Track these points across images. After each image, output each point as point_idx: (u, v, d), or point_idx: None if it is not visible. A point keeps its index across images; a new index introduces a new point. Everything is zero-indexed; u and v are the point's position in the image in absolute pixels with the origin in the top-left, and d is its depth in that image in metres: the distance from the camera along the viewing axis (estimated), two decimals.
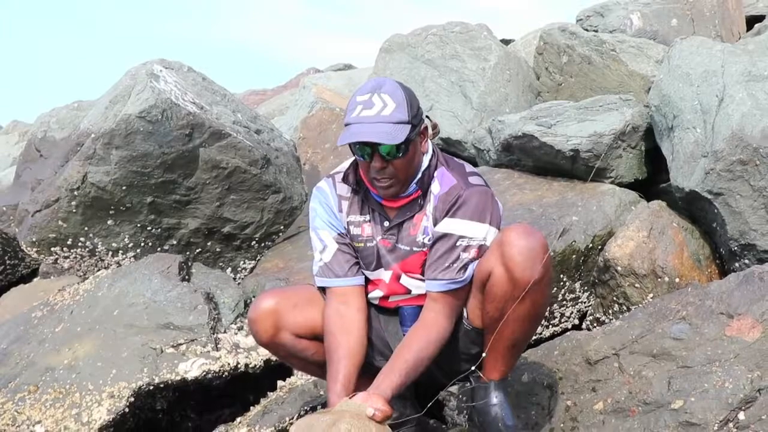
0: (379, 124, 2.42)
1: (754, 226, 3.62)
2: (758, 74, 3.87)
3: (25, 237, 4.73)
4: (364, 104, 2.45)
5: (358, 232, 2.68)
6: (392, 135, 2.41)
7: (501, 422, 2.59)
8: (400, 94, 2.48)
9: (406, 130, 2.44)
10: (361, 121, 2.44)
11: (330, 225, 2.71)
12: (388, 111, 2.43)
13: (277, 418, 3.29)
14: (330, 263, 2.68)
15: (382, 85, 2.50)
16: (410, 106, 2.48)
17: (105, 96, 4.85)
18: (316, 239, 2.73)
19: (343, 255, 2.68)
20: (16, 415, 3.49)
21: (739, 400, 2.60)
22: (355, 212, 2.68)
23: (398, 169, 2.49)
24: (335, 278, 2.67)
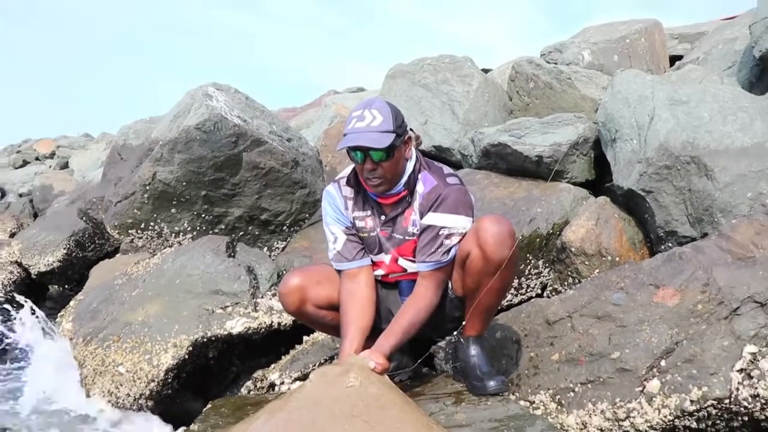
0: (369, 132, 2.42)
1: (675, 216, 3.61)
2: (679, 99, 3.87)
3: (109, 222, 4.75)
4: (358, 117, 2.46)
5: (362, 225, 2.68)
6: (379, 141, 2.42)
7: (478, 369, 2.59)
8: (386, 109, 2.48)
9: (391, 137, 2.44)
10: (355, 130, 2.44)
11: (338, 221, 2.70)
12: (377, 122, 2.44)
13: (302, 365, 3.31)
14: (341, 251, 2.68)
15: (373, 102, 2.50)
16: (395, 119, 2.48)
17: (170, 112, 4.86)
18: (329, 232, 2.73)
19: (351, 243, 2.68)
20: (104, 357, 3.54)
21: (661, 351, 2.62)
22: (359, 209, 2.68)
23: (386, 170, 2.49)
24: (347, 262, 2.68)
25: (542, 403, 2.72)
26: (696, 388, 2.49)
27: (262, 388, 3.40)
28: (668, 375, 2.56)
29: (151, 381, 3.36)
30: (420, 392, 2.65)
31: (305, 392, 2.15)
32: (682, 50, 6.98)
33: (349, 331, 2.53)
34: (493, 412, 2.35)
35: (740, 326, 2.62)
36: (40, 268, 7.20)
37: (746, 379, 2.48)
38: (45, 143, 17.87)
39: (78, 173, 12.43)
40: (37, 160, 16.72)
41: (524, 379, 2.85)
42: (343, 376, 2.16)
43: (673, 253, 2.97)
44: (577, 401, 2.66)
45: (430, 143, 5.42)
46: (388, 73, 6.26)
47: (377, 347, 2.39)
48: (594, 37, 6.33)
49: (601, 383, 2.65)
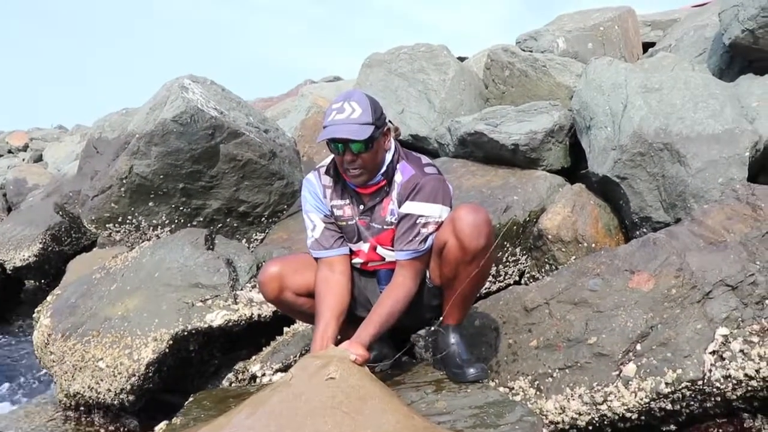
0: (349, 125, 2.44)
1: (649, 203, 3.66)
2: (651, 87, 3.91)
3: (86, 216, 4.70)
4: (337, 110, 2.47)
5: (341, 214, 2.69)
6: (358, 133, 2.43)
7: (458, 357, 2.61)
8: (365, 101, 2.49)
9: (370, 129, 2.45)
10: (335, 123, 2.45)
11: (317, 209, 2.72)
12: (356, 114, 2.45)
13: (283, 356, 3.32)
14: (319, 239, 2.70)
15: (352, 95, 2.51)
16: (374, 111, 2.49)
17: (146, 104, 4.81)
18: (308, 220, 2.74)
19: (329, 232, 2.70)
20: (84, 353, 3.51)
21: (637, 335, 2.66)
22: (337, 198, 2.69)
23: (365, 161, 2.51)
24: (323, 250, 2.69)
25: (521, 389, 2.76)
26: (671, 370, 2.55)
27: (243, 380, 3.40)
28: (644, 358, 2.61)
29: (132, 375, 3.34)
30: (400, 381, 2.67)
31: (286, 385, 2.17)
32: (654, 37, 7.04)
33: (322, 318, 2.55)
34: (473, 399, 2.38)
35: (712, 309, 2.67)
36: (15, 263, 7.11)
37: (718, 361, 2.54)
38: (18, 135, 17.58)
39: (52, 166, 12.26)
40: (10, 153, 16.45)
41: (503, 366, 2.88)
42: (324, 369, 2.18)
43: (648, 238, 3.02)
44: (555, 386, 2.70)
45: (407, 132, 5.43)
46: (364, 62, 6.25)
47: (356, 338, 2.40)
48: (568, 25, 6.36)
49: (579, 368, 2.69)
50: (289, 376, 2.23)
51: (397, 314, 2.51)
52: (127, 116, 5.75)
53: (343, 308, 2.60)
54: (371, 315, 2.51)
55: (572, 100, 4.46)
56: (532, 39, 6.31)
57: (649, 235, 3.08)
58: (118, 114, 6.10)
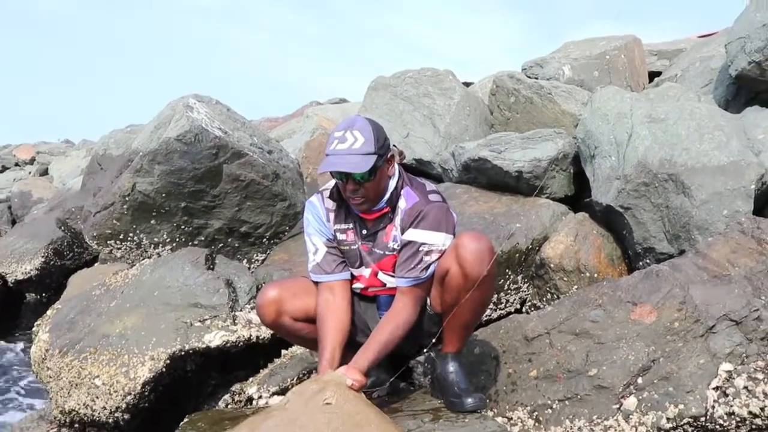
0: (350, 156, 2.41)
1: (653, 233, 3.64)
2: (657, 117, 3.91)
3: (88, 232, 4.70)
4: (339, 139, 2.44)
5: (344, 238, 2.66)
6: (359, 165, 2.40)
7: (456, 386, 2.57)
8: (368, 130, 2.46)
9: (372, 159, 2.42)
10: (336, 153, 2.43)
11: (320, 232, 2.69)
12: (358, 144, 2.42)
13: (280, 379, 3.28)
14: (321, 263, 2.67)
15: (354, 122, 2.48)
16: (377, 140, 2.45)
17: (151, 122, 4.83)
18: (310, 243, 2.71)
19: (331, 256, 2.67)
20: (81, 369, 3.48)
21: (638, 368, 2.63)
22: (341, 222, 2.66)
23: (368, 190, 2.49)
24: (325, 275, 2.66)
25: (520, 419, 2.72)
26: (672, 405, 2.51)
27: (240, 402, 3.37)
28: (645, 392, 2.57)
29: (128, 394, 3.31)
30: (398, 408, 2.63)
31: (282, 410, 2.14)
32: (660, 66, 7.06)
33: (327, 344, 2.52)
34: (471, 429, 2.34)
35: (716, 344, 2.64)
36: (17, 276, 7.10)
37: (722, 397, 2.50)
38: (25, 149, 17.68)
39: (58, 180, 12.30)
40: (17, 166, 16.53)
41: (502, 396, 2.84)
42: (320, 394, 2.16)
43: (651, 270, 2.99)
44: (554, 418, 2.66)
45: (411, 156, 5.42)
46: (370, 85, 6.27)
47: (354, 364, 2.38)
48: (574, 53, 6.38)
49: (579, 400, 2.65)
50: (285, 400, 2.21)
51: (396, 341, 2.48)
52: (132, 133, 5.78)
53: (345, 333, 2.57)
54: (370, 341, 2.48)
55: (577, 128, 4.45)
56: (538, 66, 6.33)
57: (653, 267, 3.05)
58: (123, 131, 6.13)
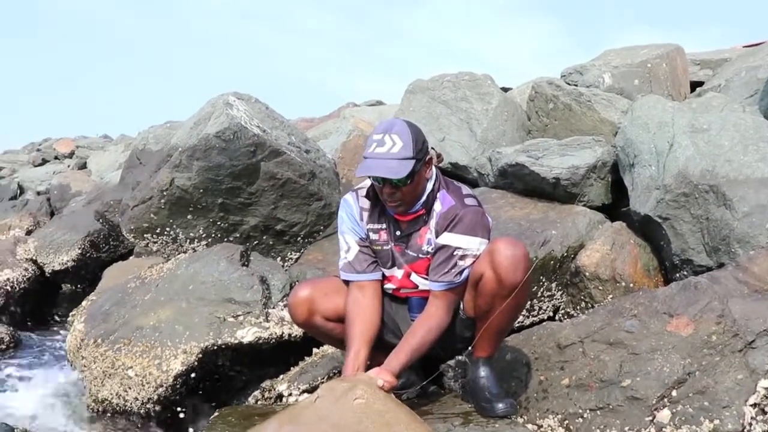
0: (388, 160, 2.40)
1: (692, 245, 3.58)
2: (699, 127, 3.85)
3: (125, 225, 4.79)
4: (378, 142, 2.44)
5: (376, 238, 2.67)
6: (397, 170, 2.40)
7: (487, 391, 2.57)
8: (407, 133, 2.45)
9: (410, 164, 2.42)
10: (374, 156, 2.43)
11: (353, 231, 2.70)
12: (396, 149, 2.41)
13: (311, 377, 3.30)
14: (352, 261, 2.68)
15: (393, 125, 2.48)
16: (415, 143, 2.44)
17: (190, 119, 4.90)
18: (342, 241, 2.72)
19: (363, 255, 2.68)
20: (114, 360, 3.54)
21: (673, 381, 2.58)
22: (374, 221, 2.67)
23: (405, 194, 2.48)
24: (356, 274, 2.67)
25: (550, 427, 2.69)
26: (707, 420, 2.46)
27: (269, 398, 3.39)
28: (679, 406, 2.53)
29: (160, 386, 3.36)
30: (428, 411, 2.64)
31: (312, 407, 2.16)
32: (703, 76, 6.95)
33: (353, 344, 2.53)
34: None
35: (755, 360, 2.58)
36: (54, 266, 7.25)
37: (759, 414, 2.45)
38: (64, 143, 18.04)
39: (96, 174, 12.53)
40: (56, 159, 16.87)
41: (533, 403, 2.82)
42: (350, 392, 2.16)
43: (689, 282, 2.95)
44: (585, 427, 2.63)
45: (447, 160, 5.42)
46: (407, 88, 6.28)
47: (386, 365, 2.39)
48: (615, 61, 6.31)
49: (611, 410, 2.62)
50: (315, 397, 2.22)
51: (429, 344, 2.49)
52: (171, 129, 5.87)
53: (373, 333, 2.58)
54: (402, 343, 2.48)
55: (616, 136, 4.41)
56: (578, 73, 6.28)
57: (690, 279, 3.01)
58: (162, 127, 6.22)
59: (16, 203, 11.54)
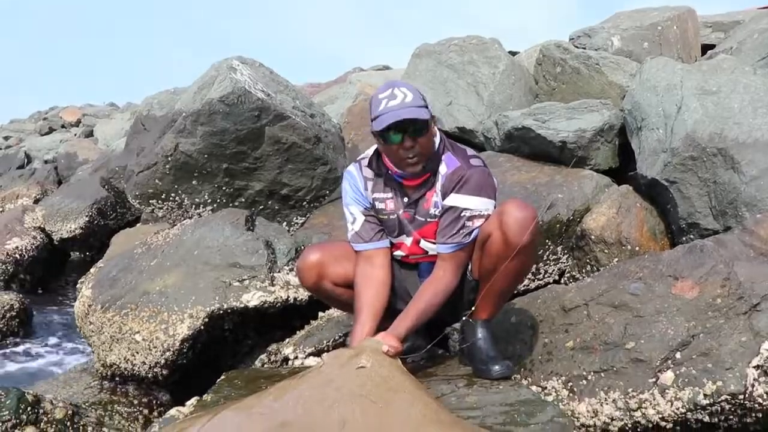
0: (408, 108, 2.39)
1: (699, 208, 3.57)
2: (709, 89, 3.81)
3: (130, 191, 4.80)
4: (389, 97, 2.42)
5: (383, 207, 2.66)
6: (420, 113, 2.40)
7: (484, 353, 2.57)
8: (413, 87, 2.47)
9: (427, 111, 2.43)
10: (391, 109, 2.40)
11: (357, 201, 2.69)
12: (409, 99, 2.41)
13: (317, 340, 3.32)
14: (359, 231, 2.67)
15: (396, 83, 2.49)
16: (423, 97, 2.46)
17: (194, 84, 4.88)
18: (348, 213, 2.71)
19: (369, 224, 2.67)
20: (122, 325, 3.57)
21: (677, 343, 2.59)
22: (380, 191, 2.66)
23: (423, 146, 2.46)
24: (363, 243, 2.67)
25: (554, 389, 2.71)
26: (710, 381, 2.47)
27: (276, 362, 3.42)
28: (683, 368, 2.54)
29: (167, 350, 3.40)
30: (432, 373, 2.66)
31: (317, 372, 2.17)
32: (715, 39, 6.85)
33: (361, 315, 2.54)
34: (505, 396, 2.35)
35: (759, 322, 2.58)
36: (62, 234, 7.32)
37: (762, 376, 2.46)
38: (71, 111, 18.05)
39: (102, 142, 12.55)
40: (63, 128, 16.91)
41: (537, 365, 2.84)
42: (355, 358, 2.17)
43: (695, 245, 2.94)
44: (589, 389, 2.64)
45: (453, 124, 5.39)
46: (414, 52, 6.22)
47: (392, 330, 2.39)
48: (624, 23, 6.23)
49: (615, 373, 2.63)
50: (321, 363, 2.23)
51: (436, 308, 2.49)
52: (176, 95, 5.84)
53: (381, 305, 2.58)
54: (409, 308, 2.49)
55: (624, 99, 4.38)
56: (586, 36, 6.20)
57: (696, 242, 2.99)
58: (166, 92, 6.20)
59: (23, 172, 11.59)
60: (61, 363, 5.22)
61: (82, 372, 3.92)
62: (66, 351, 5.62)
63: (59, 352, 5.58)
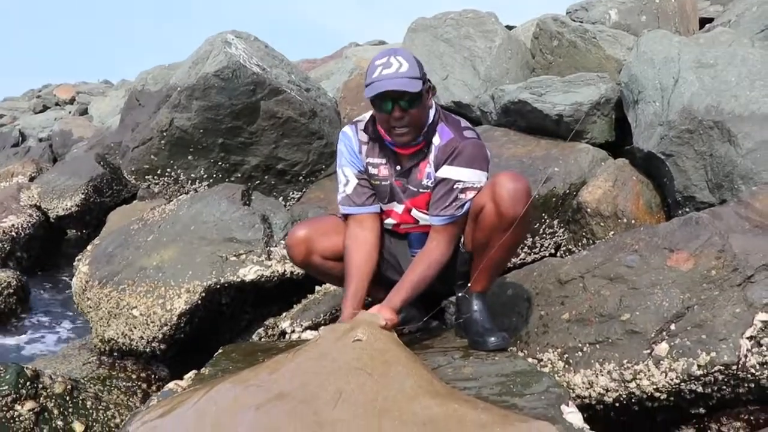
0: (399, 78, 2.37)
1: (695, 182, 3.58)
2: (706, 62, 3.79)
3: (126, 167, 4.79)
4: (384, 65, 2.40)
5: (375, 173, 2.65)
6: (410, 86, 2.38)
7: (480, 325, 2.58)
8: (411, 57, 2.44)
9: (420, 84, 2.40)
10: (383, 77, 2.38)
11: (352, 163, 2.68)
12: (404, 69, 2.39)
13: (313, 314, 3.34)
14: (351, 194, 2.67)
15: (396, 50, 2.46)
16: (420, 67, 2.44)
17: (189, 58, 4.85)
18: (341, 175, 2.70)
19: (362, 188, 2.67)
20: (119, 300, 3.58)
21: (672, 315, 2.60)
22: (373, 156, 2.65)
23: (413, 118, 2.45)
24: (355, 207, 2.67)
25: (550, 361, 2.73)
26: (704, 352, 2.49)
27: (273, 336, 3.44)
28: (677, 339, 2.55)
29: (164, 325, 3.41)
30: (429, 345, 2.66)
31: (313, 345, 2.18)
32: (714, 12, 6.82)
33: (352, 282, 2.55)
34: (501, 367, 2.36)
35: (753, 294, 2.59)
36: (58, 212, 7.30)
37: (755, 347, 2.47)
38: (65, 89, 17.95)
39: (97, 119, 12.49)
40: (57, 106, 16.82)
41: (533, 337, 2.85)
42: (352, 332, 2.18)
43: (690, 217, 2.94)
44: (584, 361, 2.66)
45: (449, 99, 5.37)
46: (410, 26, 6.18)
47: (387, 302, 2.40)
48: None
49: (610, 344, 2.64)
50: (317, 337, 2.24)
51: (429, 280, 2.49)
52: (170, 69, 5.81)
53: (371, 267, 2.59)
54: (403, 280, 2.49)
55: (621, 72, 4.36)
56: (583, 9, 6.17)
57: (692, 214, 2.99)
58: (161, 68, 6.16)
59: (18, 150, 11.56)
60: (59, 339, 5.25)
61: (80, 348, 3.94)
62: (64, 328, 5.64)
63: (57, 328, 5.60)
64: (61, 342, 5.03)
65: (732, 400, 2.54)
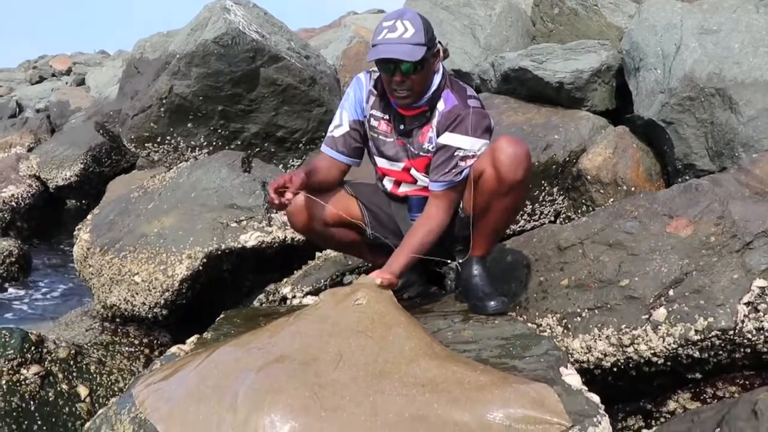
0: (401, 45, 2.35)
1: (695, 149, 3.57)
2: (709, 28, 3.76)
3: (125, 135, 4.77)
4: (389, 28, 2.38)
5: (376, 125, 2.65)
6: (411, 54, 2.35)
7: (480, 289, 2.59)
8: (418, 21, 2.40)
9: (423, 50, 2.37)
10: (386, 41, 2.37)
11: (353, 109, 2.67)
12: (409, 34, 2.36)
13: (314, 280, 3.36)
14: (337, 139, 2.68)
15: (405, 13, 2.43)
16: (426, 32, 2.41)
17: (188, 25, 4.81)
18: (337, 116, 2.71)
19: (350, 138, 2.67)
20: (121, 267, 3.59)
21: (670, 281, 2.61)
22: (377, 109, 2.64)
23: (415, 83, 2.44)
24: (335, 152, 2.69)
25: (549, 326, 2.75)
26: (702, 318, 2.51)
27: (274, 301, 3.46)
28: (675, 304, 2.57)
29: (166, 291, 3.43)
30: (429, 309, 2.68)
31: (314, 309, 2.20)
32: None
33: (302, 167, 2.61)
34: (500, 330, 2.38)
35: (752, 260, 2.61)
36: (57, 182, 7.30)
37: (752, 312, 2.49)
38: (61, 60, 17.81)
39: (94, 90, 12.41)
40: (54, 77, 16.70)
41: (532, 303, 2.87)
42: (351, 295, 2.20)
43: (690, 184, 2.94)
44: (583, 326, 2.68)
45: (449, 67, 5.33)
46: None
47: (387, 267, 2.40)
48: None
49: (609, 310, 2.66)
50: (317, 301, 2.26)
51: (429, 245, 2.50)
52: (169, 37, 5.76)
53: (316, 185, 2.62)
54: (403, 245, 2.50)
55: (622, 40, 4.33)
56: None
57: (692, 181, 3.00)
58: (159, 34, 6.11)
59: (15, 121, 11.49)
60: (61, 307, 5.28)
61: (83, 315, 3.96)
62: (66, 295, 5.68)
63: (59, 296, 5.63)
64: (63, 309, 5.06)
65: (728, 365, 2.56)
